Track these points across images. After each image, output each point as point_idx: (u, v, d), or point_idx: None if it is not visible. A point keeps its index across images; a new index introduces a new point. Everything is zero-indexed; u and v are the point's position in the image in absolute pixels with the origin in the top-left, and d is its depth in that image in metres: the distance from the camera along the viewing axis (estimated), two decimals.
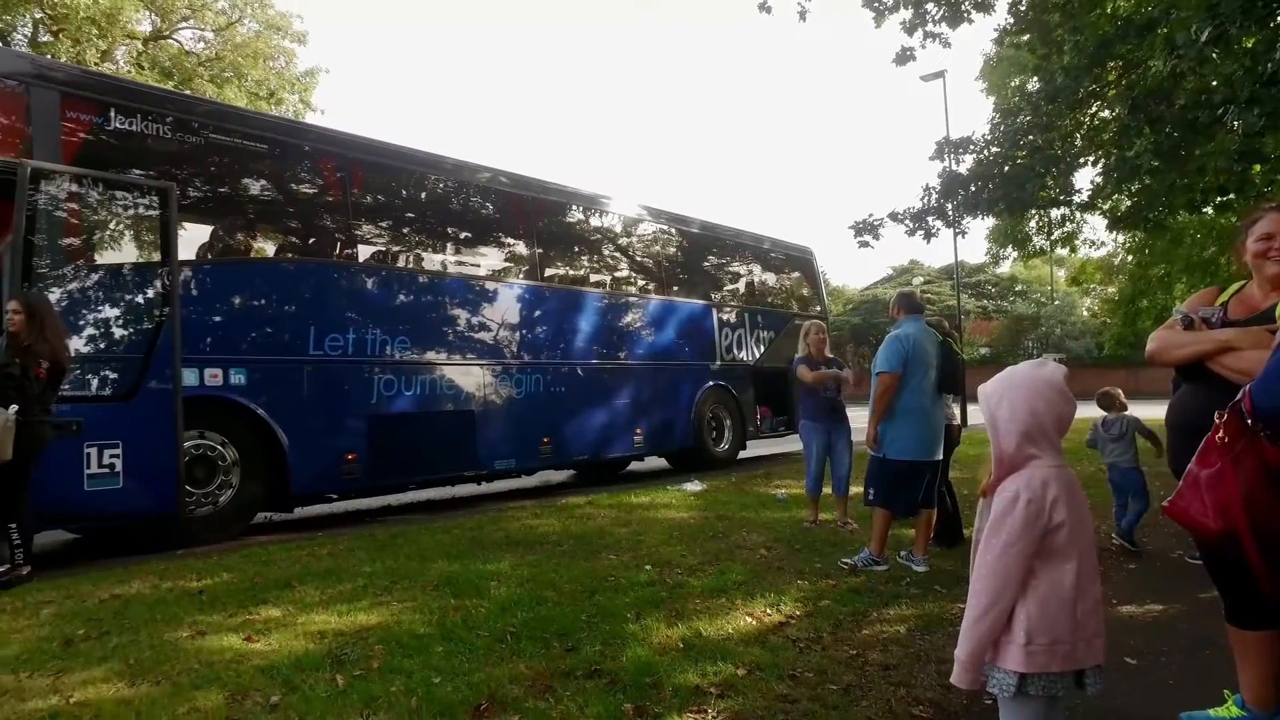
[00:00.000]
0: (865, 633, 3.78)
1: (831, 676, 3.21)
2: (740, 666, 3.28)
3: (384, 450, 7.45)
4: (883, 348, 5.12)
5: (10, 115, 5.67)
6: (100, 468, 5.56)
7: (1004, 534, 1.82)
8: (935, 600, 4.30)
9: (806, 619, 3.96)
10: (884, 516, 5.05)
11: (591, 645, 3.52)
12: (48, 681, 3.19)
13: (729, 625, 3.82)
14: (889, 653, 3.50)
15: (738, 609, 4.09)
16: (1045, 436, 1.87)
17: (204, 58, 21.11)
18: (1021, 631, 1.80)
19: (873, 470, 5.13)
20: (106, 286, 5.83)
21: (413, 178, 8.48)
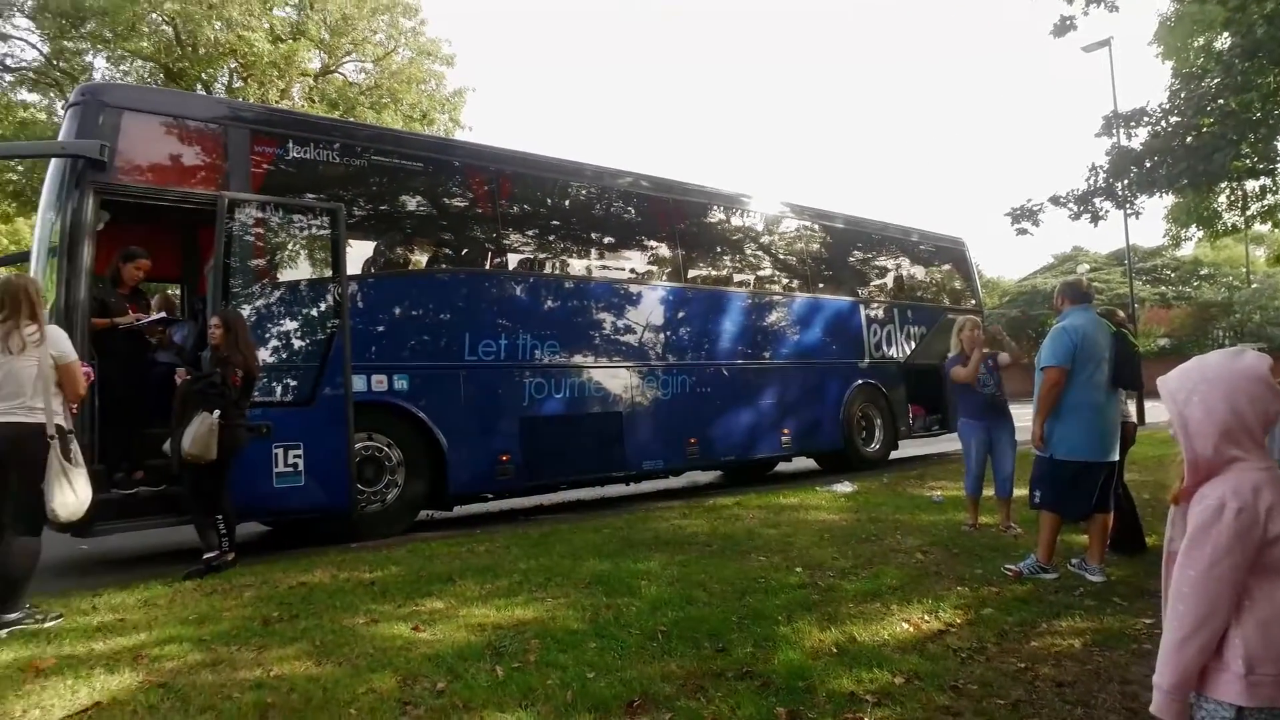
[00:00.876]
0: (1034, 645, 3.54)
1: (998, 690, 3.03)
2: (897, 674, 3.16)
3: (536, 451, 7.74)
4: (1048, 340, 4.77)
5: (212, 154, 6.34)
6: (286, 467, 6.11)
7: (1209, 547, 1.61)
8: (1115, 614, 3.96)
9: (968, 627, 3.76)
10: (1052, 521, 4.71)
11: (742, 647, 3.49)
12: (252, 655, 3.55)
13: (884, 631, 3.69)
14: (1063, 668, 3.26)
15: (893, 614, 3.94)
16: (1249, 436, 1.65)
17: (364, 87, 22.71)
18: (1239, 660, 1.58)
19: (1039, 471, 4.78)
20: (287, 302, 6.40)
21: (556, 186, 8.76)
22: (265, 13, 20.14)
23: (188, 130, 6.32)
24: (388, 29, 22.56)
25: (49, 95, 20.51)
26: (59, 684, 3.27)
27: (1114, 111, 9.89)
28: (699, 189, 10.16)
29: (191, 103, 7.74)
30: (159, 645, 3.74)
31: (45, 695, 3.16)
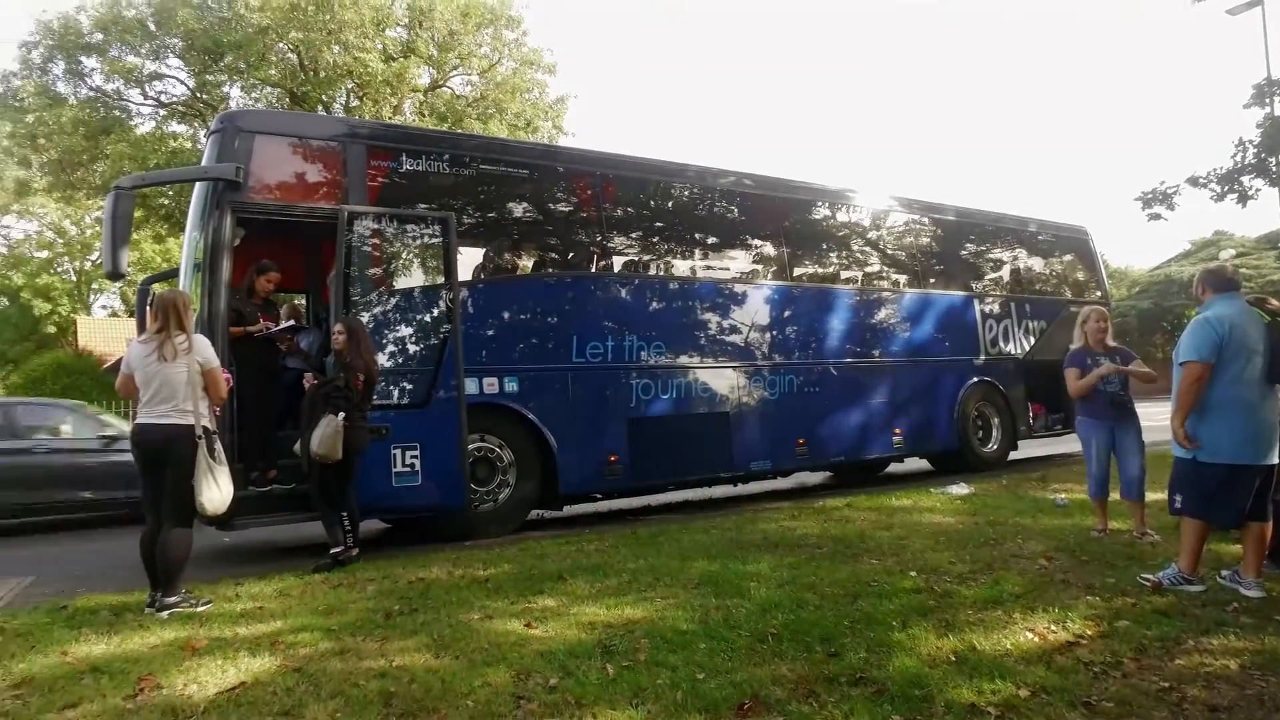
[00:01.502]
0: (1180, 663, 3.27)
1: (1138, 710, 2.82)
2: (1022, 687, 2.99)
3: (644, 452, 7.80)
4: (1188, 333, 4.38)
5: (332, 170, 6.72)
6: (404, 466, 6.40)
7: None
8: (1278, 634, 3.61)
9: (1101, 640, 3.52)
10: (1196, 528, 4.34)
11: (855, 652, 3.41)
12: (376, 645, 3.73)
13: (1007, 640, 3.51)
14: (1216, 691, 2.99)
15: (1016, 623, 3.74)
16: None
17: (471, 99, 23.49)
18: None
19: (1180, 474, 4.41)
20: (403, 308, 6.69)
21: (659, 188, 8.80)
22: (378, 34, 21.16)
23: (311, 149, 6.72)
24: (492, 42, 23.27)
25: (194, 125, 22.21)
26: (210, 663, 3.55)
27: (1266, 79, 9.05)
28: (804, 186, 9.99)
29: (313, 123, 8.23)
30: (293, 633, 3.99)
31: (200, 672, 3.44)
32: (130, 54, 20.85)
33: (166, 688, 3.28)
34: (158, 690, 3.26)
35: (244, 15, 19.58)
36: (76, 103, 20.79)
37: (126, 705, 3.12)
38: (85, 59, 20.69)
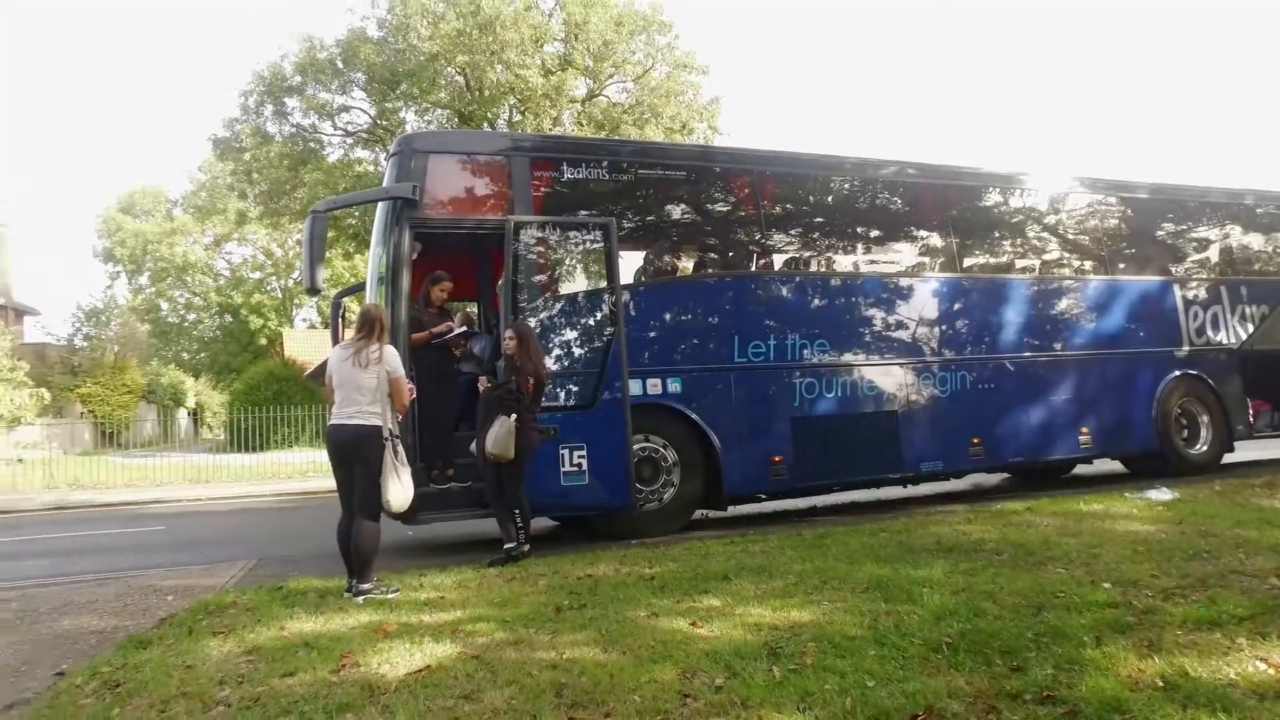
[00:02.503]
0: None
1: None
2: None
3: (808, 452, 7.65)
4: None
5: (499, 183, 7.08)
6: (572, 466, 6.62)
7: None
8: None
9: None
10: None
11: (1041, 667, 3.16)
12: (547, 638, 3.89)
13: (1229, 669, 3.13)
14: None
15: (1241, 650, 3.32)
16: None
17: (627, 105, 23.99)
18: None
19: None
20: (568, 312, 6.93)
21: (817, 182, 8.60)
22: (537, 51, 22.09)
23: (479, 164, 7.12)
24: (645, 48, 23.67)
25: (375, 150, 24.15)
26: (400, 646, 3.83)
27: None
28: (971, 172, 9.44)
29: (480, 140, 8.71)
30: (472, 622, 4.23)
31: (391, 654, 3.72)
32: (323, 91, 23.01)
33: (364, 665, 3.58)
34: (356, 667, 3.56)
35: (416, 45, 21.08)
36: (281, 139, 23.19)
37: (332, 678, 3.43)
38: (288, 100, 23.03)
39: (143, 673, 3.67)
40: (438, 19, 21.11)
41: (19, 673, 4.05)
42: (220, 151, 24.61)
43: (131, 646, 4.16)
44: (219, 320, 46.66)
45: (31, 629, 4.89)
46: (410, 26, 21.18)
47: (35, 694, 3.67)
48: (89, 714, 3.23)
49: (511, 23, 20.58)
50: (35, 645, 4.53)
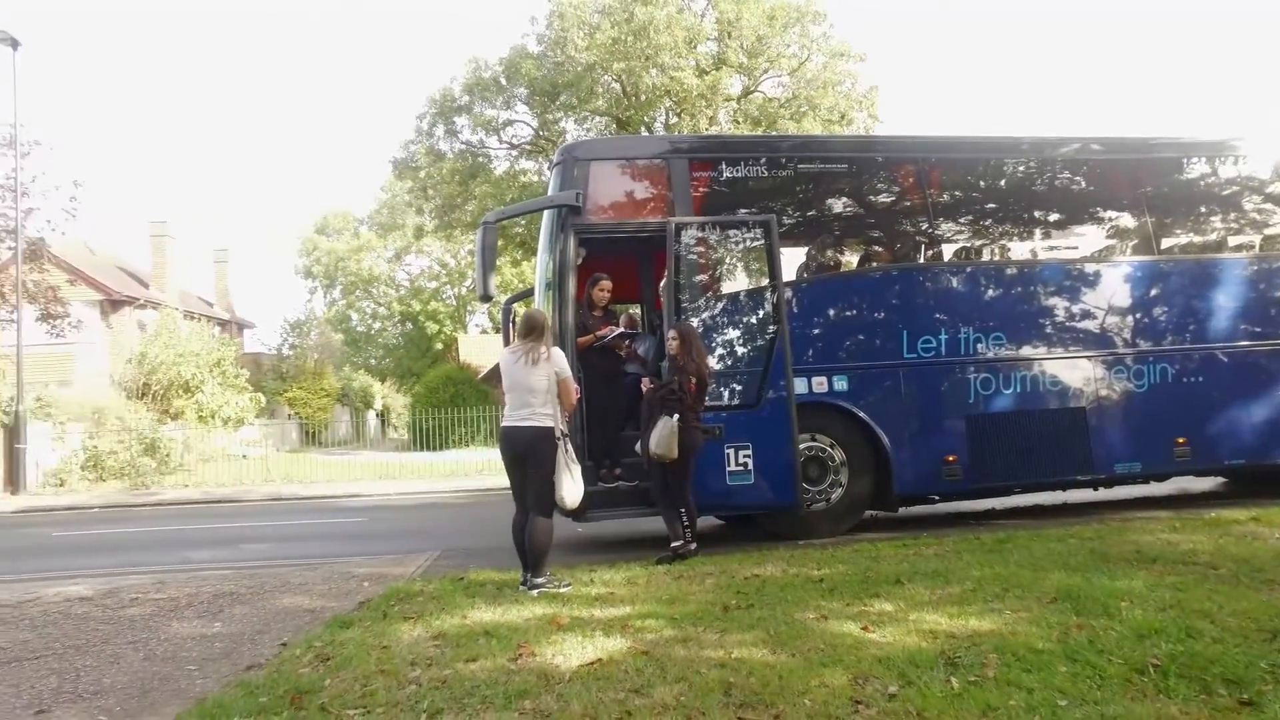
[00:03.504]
0: None
1: None
2: None
3: (985, 451, 7.22)
4: None
5: (658, 185, 7.19)
6: (737, 465, 6.61)
7: None
8: None
9: None
10: None
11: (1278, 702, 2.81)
12: (715, 637, 3.91)
13: None
14: None
15: None
16: None
17: (783, 100, 23.61)
18: None
19: None
20: (730, 312, 6.92)
21: (989, 166, 8.09)
22: (690, 52, 22.21)
23: (638, 168, 7.27)
24: (799, 40, 23.20)
25: (538, 160, 25.22)
26: (572, 639, 3.98)
27: None
28: (1169, 142, 8.53)
29: (639, 144, 8.88)
30: (640, 619, 4.33)
31: (564, 645, 3.88)
32: (488, 108, 24.30)
33: (539, 655, 3.75)
34: (533, 656, 3.74)
35: (574, 57, 21.82)
36: (452, 156, 24.72)
37: (510, 665, 3.62)
38: (457, 119, 24.52)
39: (347, 649, 4.04)
40: (593, 29, 21.74)
41: (253, 640, 4.62)
42: (399, 172, 26.61)
43: (337, 626, 4.60)
44: (401, 328, 50.47)
45: (260, 603, 5.52)
46: (567, 39, 21.95)
47: (266, 660, 4.15)
48: (307, 681, 3.60)
49: (665, 26, 20.82)
50: (263, 618, 5.12)
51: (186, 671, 4.14)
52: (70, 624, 5.22)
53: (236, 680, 3.81)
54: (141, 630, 4.96)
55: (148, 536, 10.27)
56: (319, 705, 3.29)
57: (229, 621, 5.07)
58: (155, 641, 4.70)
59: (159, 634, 4.86)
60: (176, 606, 5.54)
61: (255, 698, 3.43)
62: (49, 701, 3.79)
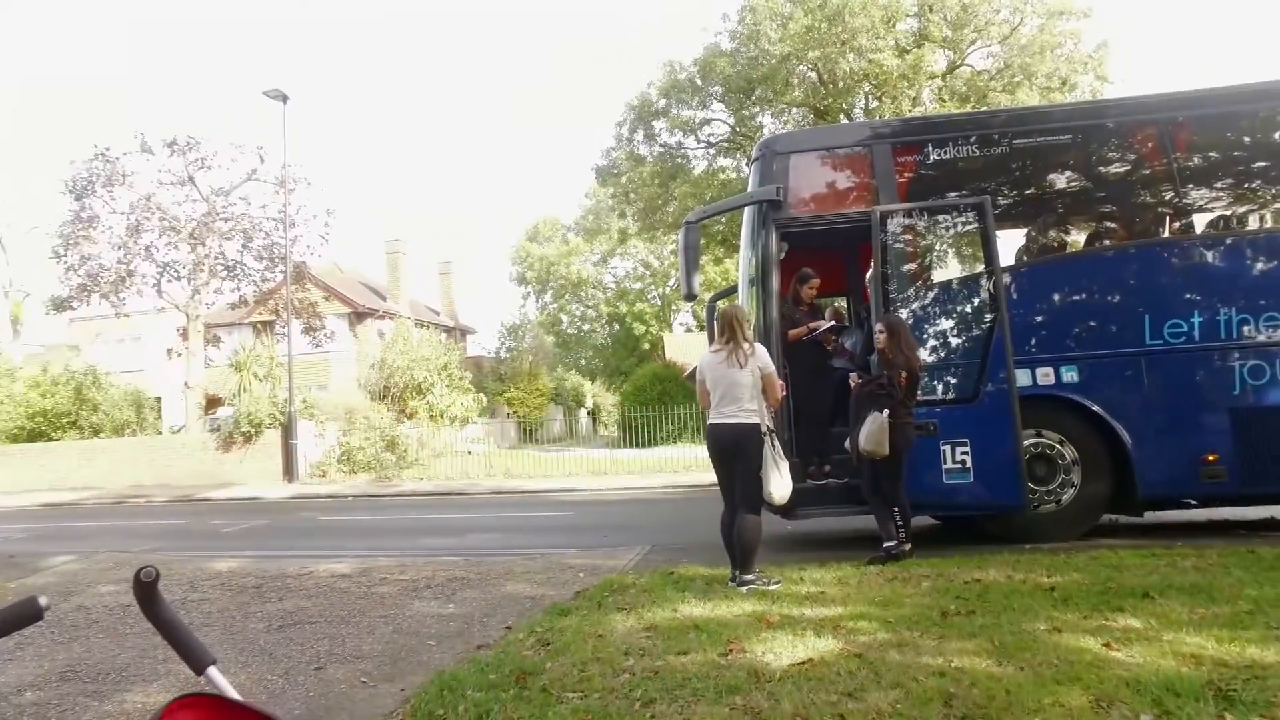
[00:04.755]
0: None
1: None
2: None
3: (1256, 450, 6.22)
4: None
5: (861, 174, 6.95)
6: (954, 463, 6.22)
7: None
8: None
9: None
10: None
11: None
12: (933, 643, 3.71)
13: None
14: None
15: None
16: None
17: (993, 71, 21.88)
18: None
19: None
20: (942, 301, 6.53)
21: (1253, 121, 6.98)
22: (889, 31, 21.18)
23: (839, 158, 7.05)
24: (1011, 4, 21.39)
25: (736, 157, 25.23)
26: (782, 637, 3.95)
27: None
28: None
29: (839, 133, 8.62)
30: (852, 620, 4.20)
31: (774, 644, 3.85)
32: (685, 109, 24.65)
33: (749, 652, 3.75)
34: (742, 653, 3.74)
35: (767, 49, 21.55)
36: (652, 159, 25.36)
37: (720, 660, 3.65)
38: (655, 123, 25.11)
39: (565, 636, 4.27)
40: (786, 20, 21.36)
41: (482, 622, 5.03)
42: (602, 178, 27.73)
43: (556, 613, 4.87)
44: (609, 329, 52.56)
45: (487, 588, 5.98)
46: (760, 32, 21.73)
47: (493, 640, 4.50)
48: (530, 663, 3.86)
49: (861, 8, 20.03)
50: (491, 602, 5.55)
51: (427, 645, 4.59)
52: (335, 596, 5.98)
53: (468, 657, 4.16)
54: (390, 606, 5.56)
55: (391, 523, 11.47)
56: (541, 686, 3.50)
57: (461, 603, 5.55)
58: (401, 617, 5.25)
59: (404, 610, 5.42)
60: (417, 587, 6.14)
61: (485, 675, 3.72)
62: (324, 660, 4.43)
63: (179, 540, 10.61)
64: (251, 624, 5.32)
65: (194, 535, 11.08)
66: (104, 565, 8.14)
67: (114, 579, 7.17)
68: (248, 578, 6.89)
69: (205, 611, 5.69)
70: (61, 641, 5.13)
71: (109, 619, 5.69)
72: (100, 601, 6.21)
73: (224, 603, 5.97)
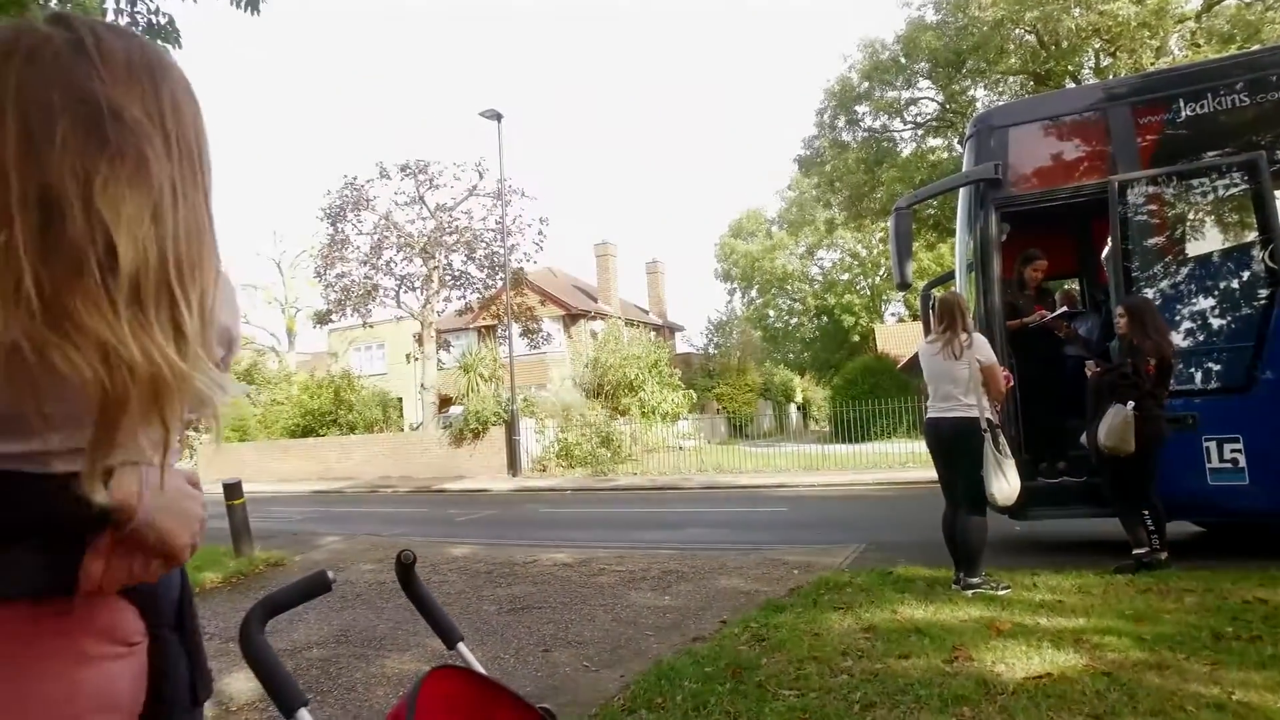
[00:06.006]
0: None
1: None
2: None
3: None
4: None
5: (1093, 141, 6.26)
6: (1222, 462, 5.42)
7: None
8: None
9: None
10: None
11: None
12: (1204, 669, 3.27)
13: None
14: None
15: None
16: None
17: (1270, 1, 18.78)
18: None
19: None
20: (1199, 277, 5.73)
21: None
22: None
23: (1066, 127, 6.39)
24: None
25: (946, 136, 23.71)
26: (1015, 647, 3.67)
27: None
28: None
29: (1065, 99, 7.83)
30: (1098, 634, 3.80)
31: (1006, 653, 3.60)
32: (889, 90, 23.50)
33: (977, 660, 3.52)
34: (970, 661, 3.52)
35: (977, 16, 19.96)
36: (855, 145, 24.46)
37: (945, 668, 3.46)
38: (857, 107, 24.17)
39: (780, 632, 4.25)
40: None
41: (697, 615, 5.12)
42: (804, 169, 27.11)
43: (771, 609, 4.85)
44: (817, 322, 51.40)
45: (701, 582, 6.08)
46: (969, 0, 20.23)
47: (708, 634, 4.57)
48: (745, 658, 3.88)
49: None
50: (705, 595, 5.63)
51: (644, 635, 4.75)
52: (558, 584, 6.35)
53: (684, 648, 4.25)
54: (609, 596, 5.81)
55: (607, 516, 11.97)
56: (756, 681, 3.50)
57: (676, 596, 5.68)
58: (620, 606, 5.47)
59: (622, 600, 5.64)
60: (634, 578, 6.37)
61: (701, 667, 3.78)
62: (550, 643, 4.73)
63: (420, 526, 11.77)
64: (485, 606, 5.79)
65: (433, 522, 12.23)
66: (363, 546, 9.24)
67: (371, 559, 8.13)
68: (480, 563, 7.50)
69: (445, 592, 6.27)
70: (335, 610, 5.89)
71: (369, 593, 6.44)
72: (362, 577, 7.07)
73: (461, 585, 6.55)
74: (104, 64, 0.86)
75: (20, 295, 0.79)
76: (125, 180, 0.84)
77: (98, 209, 0.82)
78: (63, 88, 0.84)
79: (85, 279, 0.81)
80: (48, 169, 0.81)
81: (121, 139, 0.84)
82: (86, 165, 0.82)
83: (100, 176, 0.82)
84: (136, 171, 0.85)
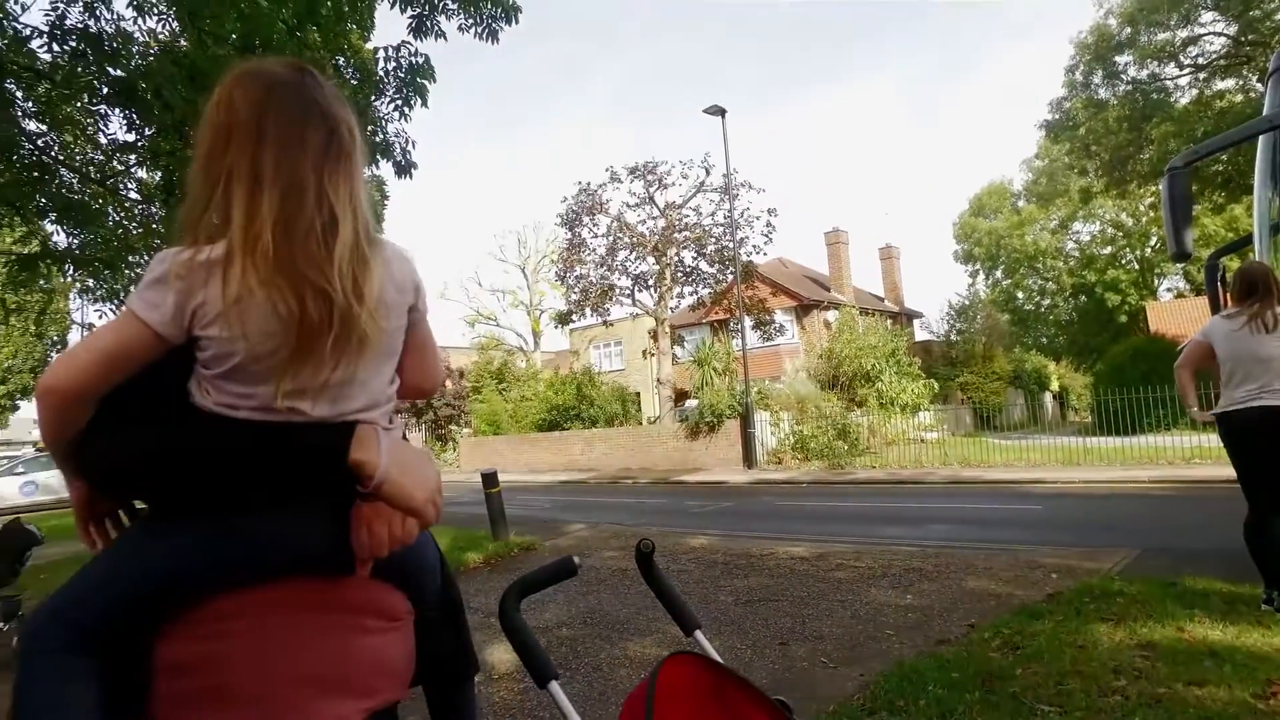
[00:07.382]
0: None
1: None
2: None
3: None
4: None
5: None
6: None
7: None
8: None
9: None
10: None
11: None
12: None
13: None
14: None
15: None
16: None
17: None
18: None
19: None
20: None
21: None
22: None
23: None
24: None
25: (1240, 75, 20.33)
26: None
27: None
28: None
29: None
30: None
31: None
32: (1159, 31, 20.57)
33: None
34: None
35: None
36: (1116, 101, 21.71)
37: (1256, 704, 2.97)
38: (1118, 58, 21.43)
39: (1037, 641, 3.89)
40: None
41: (942, 617, 4.85)
42: (1053, 134, 24.53)
43: (1026, 615, 4.46)
44: (1074, 301, 46.41)
45: (946, 582, 5.74)
46: None
47: (955, 638, 4.30)
48: (997, 666, 3.60)
49: None
50: (950, 596, 5.31)
51: (885, 634, 4.56)
52: (795, 578, 6.28)
53: (928, 651, 4.03)
54: (847, 592, 5.65)
55: (844, 510, 11.64)
56: (1010, 693, 3.24)
57: (919, 595, 5.40)
58: (858, 603, 5.30)
59: (861, 597, 5.47)
60: (873, 575, 6.14)
61: (947, 672, 3.56)
62: (786, 637, 4.70)
63: (659, 517, 12.17)
64: (722, 596, 5.87)
65: (671, 513, 12.60)
66: (606, 534, 9.74)
67: (614, 546, 8.55)
68: (716, 554, 7.61)
69: (683, 582, 6.43)
70: (581, 593, 6.26)
71: (612, 579, 6.78)
72: (605, 564, 7.46)
73: (698, 575, 6.69)
74: (325, 94, 1.25)
75: (259, 251, 1.12)
76: (342, 173, 1.22)
77: (326, 192, 1.19)
78: (305, 108, 1.22)
79: (309, 241, 1.16)
80: (298, 164, 1.18)
81: (341, 144, 1.23)
82: (322, 162, 1.20)
83: (329, 169, 1.20)
84: (349, 166, 1.24)
